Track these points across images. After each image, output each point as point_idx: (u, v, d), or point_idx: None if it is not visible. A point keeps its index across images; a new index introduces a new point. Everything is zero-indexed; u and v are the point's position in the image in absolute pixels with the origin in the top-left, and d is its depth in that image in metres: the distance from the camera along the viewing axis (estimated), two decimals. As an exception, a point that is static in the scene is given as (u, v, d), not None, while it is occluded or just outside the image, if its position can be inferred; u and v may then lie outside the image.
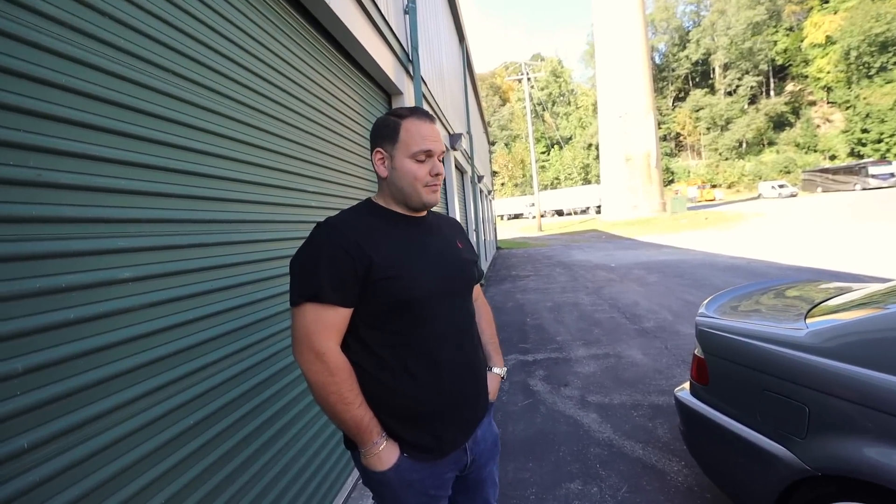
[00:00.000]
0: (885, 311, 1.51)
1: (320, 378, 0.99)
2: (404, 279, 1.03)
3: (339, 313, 1.01)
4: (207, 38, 1.52)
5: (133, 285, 1.15)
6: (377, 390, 1.06)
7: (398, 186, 1.12)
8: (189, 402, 1.29)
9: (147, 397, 1.15)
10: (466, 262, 1.23)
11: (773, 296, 2.36)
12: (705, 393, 1.96)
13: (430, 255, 1.12)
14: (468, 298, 1.24)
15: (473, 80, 13.61)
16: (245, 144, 1.70)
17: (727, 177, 48.76)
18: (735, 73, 51.92)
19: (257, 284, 1.70)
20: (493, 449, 1.31)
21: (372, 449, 1.04)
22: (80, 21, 1.04)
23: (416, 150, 1.09)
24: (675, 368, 3.98)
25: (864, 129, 41.20)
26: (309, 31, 2.39)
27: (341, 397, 1.00)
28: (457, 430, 1.15)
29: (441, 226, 1.26)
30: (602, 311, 6.37)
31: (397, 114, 1.13)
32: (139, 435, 1.11)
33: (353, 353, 1.06)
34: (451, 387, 1.11)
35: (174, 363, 1.25)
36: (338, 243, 1.01)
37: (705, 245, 12.95)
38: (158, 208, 1.25)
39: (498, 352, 1.42)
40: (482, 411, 1.24)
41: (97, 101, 1.07)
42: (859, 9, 41.12)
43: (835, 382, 1.41)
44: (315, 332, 0.99)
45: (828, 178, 33.74)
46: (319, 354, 0.98)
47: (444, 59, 7.39)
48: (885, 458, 1.26)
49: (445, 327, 1.11)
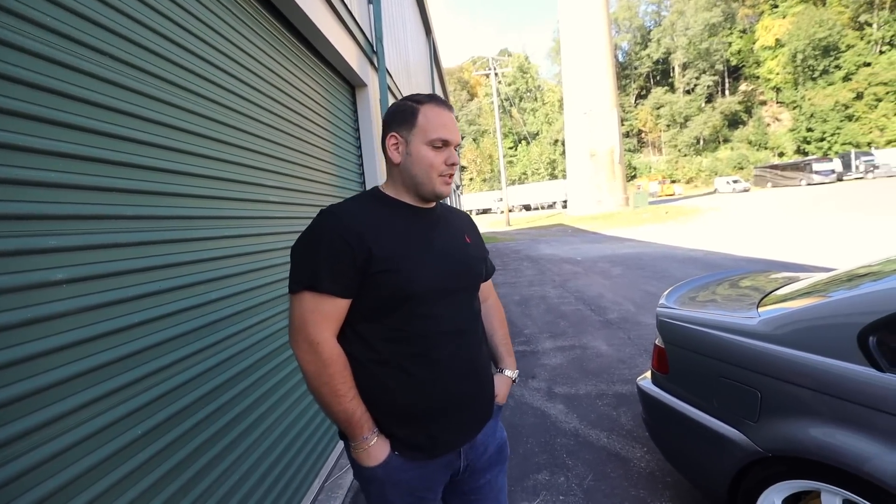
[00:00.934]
0: (827, 299, 1.59)
1: (313, 368, 0.98)
2: (403, 273, 1.00)
3: (336, 304, 0.99)
4: (155, 22, 1.42)
5: (68, 287, 1.06)
6: (372, 385, 1.03)
7: (411, 174, 1.08)
8: (135, 412, 1.21)
9: (85, 409, 1.06)
10: (473, 258, 1.19)
11: (728, 286, 2.45)
12: (666, 381, 2.02)
13: (433, 250, 1.08)
14: (472, 296, 1.18)
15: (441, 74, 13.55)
16: (197, 136, 1.60)
17: (686, 172, 50.75)
18: (693, 72, 53.94)
19: (211, 284, 1.62)
20: (497, 455, 1.24)
21: (361, 444, 1.02)
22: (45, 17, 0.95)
23: (434, 137, 1.05)
24: (638, 358, 4.10)
25: (809, 127, 43.79)
26: (268, 19, 2.29)
27: (333, 389, 0.98)
28: (453, 432, 1.10)
29: (450, 219, 1.21)
30: (568, 304, 6.49)
31: (415, 99, 1.09)
32: (74, 451, 1.03)
33: (351, 345, 1.04)
34: (449, 387, 1.07)
35: (115, 371, 1.17)
36: (338, 233, 0.98)
37: (666, 238, 13.42)
38: (96, 203, 1.16)
39: (510, 353, 1.36)
40: (484, 414, 1.18)
41: (14, 84, 0.98)
42: (805, 14, 43.57)
43: (784, 368, 1.48)
44: (311, 321, 0.97)
45: (777, 173, 35.65)
46: (314, 344, 0.97)
47: (411, 51, 7.31)
48: (828, 437, 1.33)
49: (445, 325, 1.07)
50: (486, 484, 1.22)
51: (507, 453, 1.29)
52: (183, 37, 1.58)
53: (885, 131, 38.95)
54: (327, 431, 2.59)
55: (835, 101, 41.78)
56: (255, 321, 1.93)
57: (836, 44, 42.97)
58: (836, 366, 1.34)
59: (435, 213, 1.16)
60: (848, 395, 1.31)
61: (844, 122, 41.55)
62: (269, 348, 2.03)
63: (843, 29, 42.83)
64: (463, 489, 1.21)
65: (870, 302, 1.38)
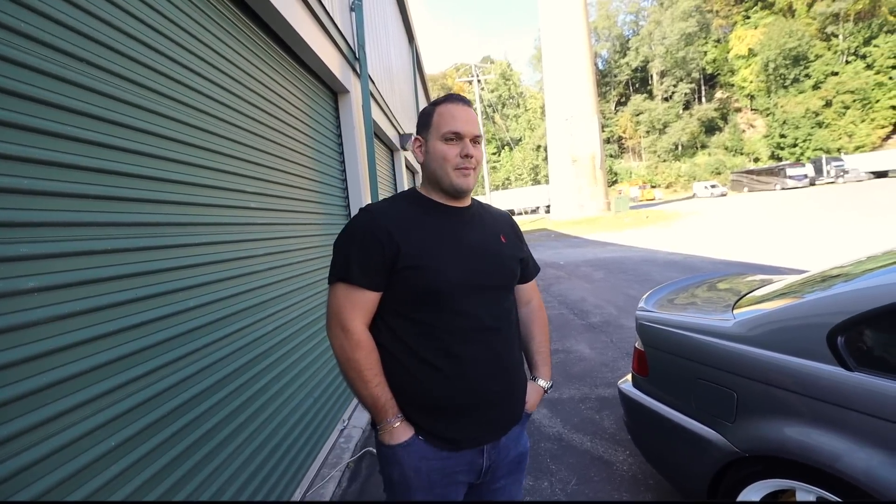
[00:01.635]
0: (801, 300, 1.64)
1: (344, 354, 1.05)
2: (430, 269, 1.05)
3: (365, 296, 1.06)
4: (132, 27, 1.40)
5: (40, 296, 1.03)
6: (401, 375, 1.08)
7: (431, 169, 1.14)
8: (111, 422, 1.18)
9: (57, 420, 1.03)
10: (507, 257, 1.20)
11: (705, 289, 2.51)
12: (646, 384, 2.05)
13: (461, 248, 1.11)
14: (504, 295, 1.18)
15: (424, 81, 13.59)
16: (174, 142, 1.58)
17: (665, 177, 51.79)
18: (671, 80, 55.21)
19: (189, 291, 1.59)
20: (517, 462, 1.23)
21: (386, 426, 1.07)
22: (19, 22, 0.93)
23: (444, 131, 1.11)
24: (620, 361, 4.15)
25: (782, 134, 45.18)
26: (249, 26, 2.28)
27: (361, 374, 1.04)
28: (478, 429, 1.11)
29: (485, 218, 1.24)
30: (551, 308, 6.54)
31: (435, 102, 1.16)
32: (45, 464, 1.00)
33: (381, 336, 1.09)
34: (476, 384, 1.09)
35: (89, 381, 1.14)
36: (370, 229, 1.06)
37: (647, 242, 13.65)
38: (70, 210, 1.13)
39: (546, 363, 1.34)
40: (512, 416, 1.18)
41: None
42: (775, 25, 45.11)
43: (758, 368, 1.51)
44: (343, 310, 1.05)
45: (753, 178, 36.64)
46: (345, 331, 1.04)
47: (394, 58, 7.33)
48: (802, 436, 1.37)
49: (473, 322, 1.08)
50: (499, 489, 1.21)
51: (526, 464, 1.28)
52: (161, 42, 1.56)
53: (853, 137, 40.43)
54: (310, 438, 2.56)
55: (805, 109, 43.24)
56: (236, 328, 1.90)
57: (806, 54, 44.54)
58: (806, 366, 1.38)
59: (469, 212, 1.19)
60: (819, 395, 1.35)
61: (815, 129, 43.00)
62: (252, 354, 2.00)
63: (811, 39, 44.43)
64: (479, 490, 1.20)
65: (838, 303, 1.43)
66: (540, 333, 1.35)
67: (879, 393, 1.22)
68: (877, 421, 1.21)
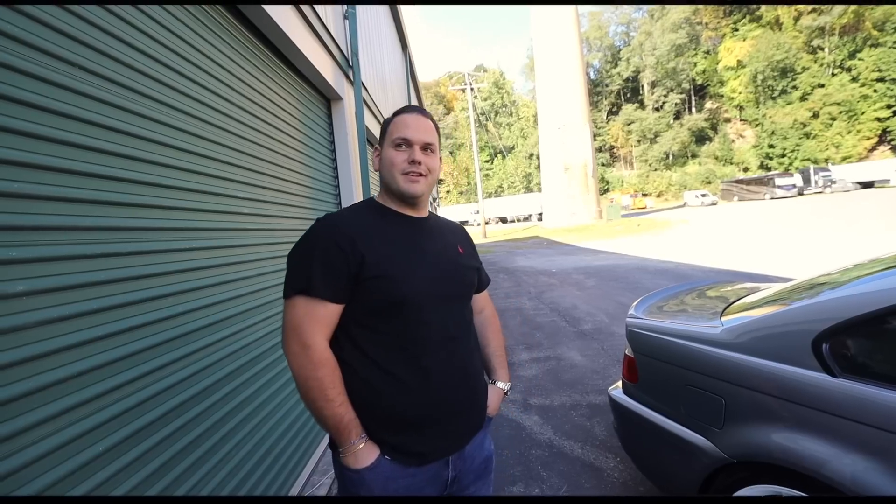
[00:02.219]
0: (787, 307, 1.66)
1: (304, 372, 0.98)
2: (395, 279, 1.03)
3: (328, 308, 1.01)
4: (127, 34, 1.40)
5: (28, 300, 1.03)
6: (364, 391, 1.03)
7: (383, 176, 1.14)
8: (96, 429, 1.17)
9: (45, 424, 1.02)
10: (466, 267, 1.21)
11: (695, 296, 2.53)
12: (635, 390, 2.06)
13: (424, 257, 1.11)
14: (464, 305, 1.20)
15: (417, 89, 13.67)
16: (165, 146, 1.58)
17: (656, 186, 52.38)
18: (661, 90, 56.07)
19: (178, 297, 1.58)
20: (484, 467, 1.23)
21: (350, 448, 1.01)
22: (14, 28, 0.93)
23: (394, 137, 1.11)
24: (611, 368, 4.17)
25: (771, 144, 45.99)
26: (243, 33, 2.29)
27: (323, 393, 0.98)
28: (444, 439, 1.10)
29: (443, 229, 1.25)
30: (543, 315, 6.56)
31: (394, 113, 1.17)
32: (28, 471, 0.98)
33: (343, 351, 1.05)
34: (441, 394, 1.08)
35: (77, 385, 1.13)
36: (332, 239, 1.02)
37: (638, 250, 13.75)
38: (59, 214, 1.13)
39: (503, 365, 1.37)
40: (476, 424, 1.18)
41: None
42: (763, 37, 46.06)
43: (745, 375, 1.53)
44: (303, 324, 0.99)
45: (742, 188, 37.18)
46: (305, 347, 0.98)
47: (387, 66, 7.37)
48: (789, 442, 1.38)
49: (437, 332, 1.08)
50: (471, 496, 1.21)
51: (493, 467, 1.28)
52: (153, 48, 1.56)
53: (839, 148, 41.25)
54: (301, 445, 2.54)
55: (793, 120, 44.09)
56: (226, 334, 1.89)
57: (793, 66, 45.52)
58: (792, 372, 1.40)
59: (427, 223, 1.19)
60: (804, 401, 1.37)
61: (803, 140, 43.83)
62: (242, 360, 1.98)
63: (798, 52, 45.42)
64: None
65: (823, 310, 1.46)
66: (495, 338, 1.39)
67: (864, 399, 1.23)
68: (862, 427, 1.23)
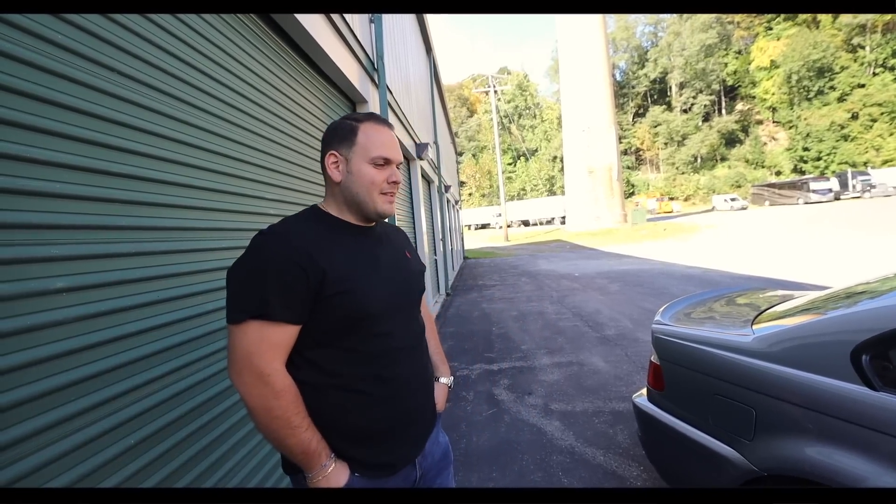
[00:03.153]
0: (823, 316, 1.60)
1: (264, 403, 0.90)
2: (358, 293, 0.97)
3: (287, 331, 0.93)
4: (158, 37, 1.45)
5: (68, 296, 1.07)
6: (327, 410, 0.98)
7: (352, 192, 1.06)
8: (128, 422, 1.21)
9: (81, 416, 1.07)
10: (415, 273, 1.21)
11: (723, 303, 2.46)
12: (661, 398, 2.01)
13: (381, 268, 1.07)
14: (418, 311, 1.19)
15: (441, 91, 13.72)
16: (198, 149, 1.63)
17: (684, 190, 51.11)
18: (690, 91, 54.74)
19: (206, 295, 1.62)
20: (444, 460, 1.26)
21: (320, 472, 0.96)
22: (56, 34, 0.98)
23: (375, 156, 1.04)
24: (635, 375, 4.08)
25: (805, 147, 44.28)
26: (270, 36, 2.35)
27: (287, 422, 0.91)
28: (409, 446, 1.11)
29: (389, 235, 1.22)
30: (566, 320, 6.48)
31: (354, 118, 1.08)
32: (69, 459, 1.03)
33: (301, 372, 0.97)
34: (405, 402, 1.08)
35: (112, 379, 1.17)
36: (287, 255, 0.92)
37: (664, 255, 13.46)
38: (97, 214, 1.18)
39: (444, 361, 1.38)
40: (432, 424, 1.20)
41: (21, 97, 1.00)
42: (799, 36, 44.45)
43: (779, 385, 1.48)
44: (259, 352, 0.90)
45: (774, 192, 35.94)
46: (263, 376, 0.89)
47: (411, 68, 7.43)
48: (824, 456, 1.32)
49: (398, 342, 1.07)
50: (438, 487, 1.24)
51: (451, 457, 1.31)
52: (186, 52, 1.62)
53: (880, 151, 39.41)
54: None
55: (830, 122, 42.35)
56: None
57: (831, 65, 43.77)
58: (829, 384, 1.34)
59: (376, 232, 1.15)
60: (842, 414, 1.31)
61: (840, 142, 42.05)
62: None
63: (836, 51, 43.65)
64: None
65: (864, 320, 1.39)
66: (432, 337, 1.37)
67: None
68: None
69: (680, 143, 54.18)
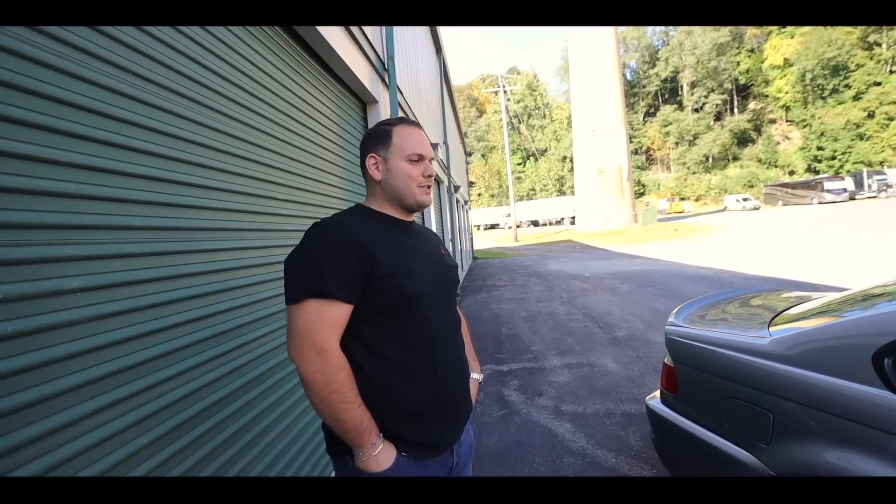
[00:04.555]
0: (841, 319, 1.57)
1: (321, 377, 0.97)
2: (404, 277, 1.07)
3: (342, 310, 1.02)
4: (180, 44, 1.47)
5: (82, 296, 1.08)
6: (376, 389, 1.06)
7: (393, 188, 1.17)
8: (142, 421, 1.22)
9: (96, 415, 1.07)
10: (451, 267, 1.30)
11: (738, 305, 2.42)
12: (675, 401, 1.99)
13: (422, 257, 1.17)
14: (454, 300, 1.28)
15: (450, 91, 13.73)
16: (211, 150, 1.64)
17: (695, 190, 50.54)
18: (701, 90, 54.15)
19: (219, 295, 1.63)
20: (469, 452, 1.33)
21: (369, 450, 1.03)
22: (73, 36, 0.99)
23: (410, 153, 1.16)
24: (647, 377, 4.04)
25: (820, 146, 43.56)
26: (283, 38, 2.36)
27: (342, 396, 0.99)
28: (450, 429, 1.18)
29: (425, 233, 1.33)
30: (576, 321, 6.43)
31: (387, 122, 1.21)
32: (82, 458, 1.03)
33: (352, 352, 1.06)
34: (446, 385, 1.15)
35: (126, 378, 1.18)
36: (342, 241, 1.03)
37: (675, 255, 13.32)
38: (112, 214, 1.18)
39: (475, 358, 1.46)
40: (469, 411, 1.27)
41: (43, 99, 1.02)
42: (813, 34, 43.74)
43: (796, 389, 1.45)
44: (317, 328, 0.98)
45: (787, 192, 35.39)
46: (321, 352, 0.98)
47: (421, 69, 7.44)
48: (843, 461, 1.29)
49: (440, 326, 1.15)
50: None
51: (473, 452, 1.38)
52: (198, 53, 1.63)
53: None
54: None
55: (846, 120, 41.62)
56: (262, 333, 1.94)
57: (846, 63, 43.03)
58: (849, 388, 1.32)
59: (415, 227, 1.26)
60: (862, 419, 1.28)
61: (856, 141, 41.30)
62: (277, 360, 2.03)
63: (852, 48, 42.91)
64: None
65: (885, 322, 1.36)
66: (465, 332, 1.44)
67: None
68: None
69: (691, 143, 53.62)
